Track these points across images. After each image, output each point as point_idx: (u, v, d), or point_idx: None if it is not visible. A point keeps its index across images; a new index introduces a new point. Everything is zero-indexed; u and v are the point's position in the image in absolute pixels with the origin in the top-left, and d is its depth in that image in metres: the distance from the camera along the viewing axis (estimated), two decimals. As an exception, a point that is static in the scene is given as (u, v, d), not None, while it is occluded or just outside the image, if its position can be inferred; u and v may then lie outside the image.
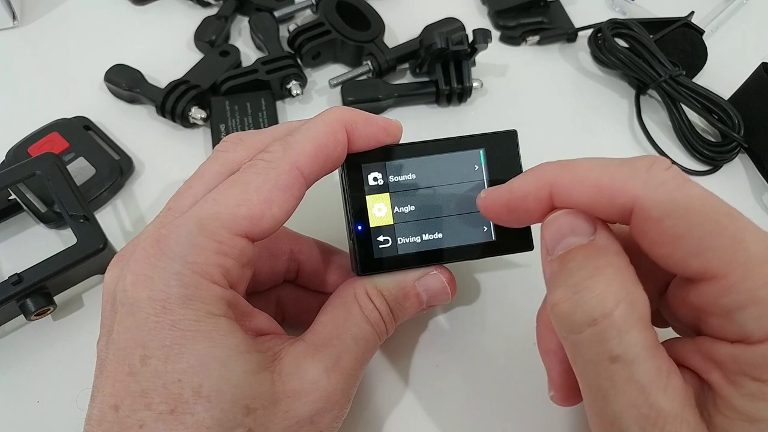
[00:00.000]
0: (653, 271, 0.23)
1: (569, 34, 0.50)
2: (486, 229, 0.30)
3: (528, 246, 0.30)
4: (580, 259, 0.22)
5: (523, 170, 0.30)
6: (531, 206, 0.24)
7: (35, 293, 0.34)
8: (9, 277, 0.33)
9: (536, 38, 0.50)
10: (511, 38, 0.51)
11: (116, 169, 0.41)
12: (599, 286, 0.21)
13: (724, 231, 0.20)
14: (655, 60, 0.45)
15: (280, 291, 0.34)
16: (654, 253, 0.21)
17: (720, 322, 0.20)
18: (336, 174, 0.30)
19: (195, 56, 0.48)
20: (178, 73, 0.46)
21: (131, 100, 0.46)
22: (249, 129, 0.43)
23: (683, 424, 0.20)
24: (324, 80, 0.47)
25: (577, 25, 0.51)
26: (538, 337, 0.27)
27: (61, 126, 0.42)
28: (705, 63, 0.47)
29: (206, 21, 0.50)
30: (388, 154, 0.29)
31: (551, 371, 0.26)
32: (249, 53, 0.49)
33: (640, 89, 0.47)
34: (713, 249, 0.20)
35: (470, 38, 0.44)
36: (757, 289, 0.19)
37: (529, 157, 0.31)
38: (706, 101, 0.43)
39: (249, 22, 0.49)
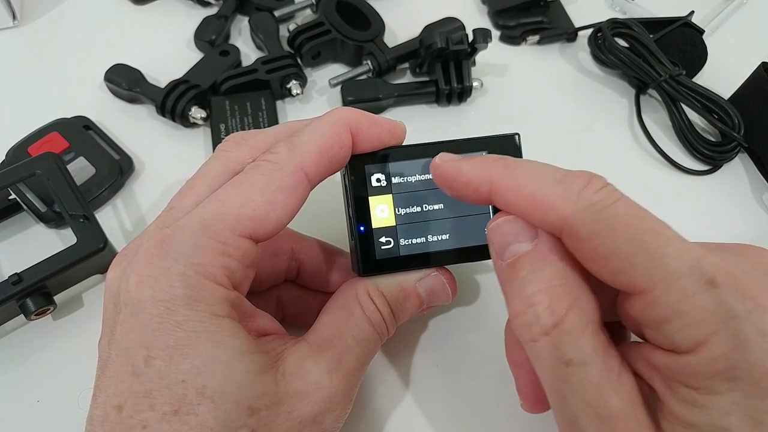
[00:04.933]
0: None
1: (569, 34, 0.50)
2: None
3: (529, 246, 0.30)
4: (528, 268, 0.23)
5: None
6: (470, 193, 0.25)
7: (35, 293, 0.33)
8: (9, 277, 0.33)
9: (536, 38, 0.50)
10: (511, 38, 0.51)
11: (116, 169, 0.41)
12: (549, 297, 0.22)
13: (646, 248, 0.20)
14: (655, 60, 0.45)
15: (281, 290, 0.34)
16: (588, 268, 0.22)
17: (652, 333, 0.21)
18: (338, 174, 0.30)
19: (195, 56, 0.48)
20: (178, 72, 0.46)
21: (131, 100, 0.46)
22: (249, 129, 0.43)
23: (634, 422, 0.21)
24: (324, 80, 0.47)
25: (577, 24, 0.51)
26: (507, 350, 0.28)
27: (61, 126, 0.42)
28: (705, 63, 0.47)
29: (206, 21, 0.50)
30: (391, 155, 0.29)
31: (519, 382, 0.27)
32: (249, 53, 0.49)
33: (640, 89, 0.47)
34: (637, 266, 0.20)
35: (470, 38, 0.44)
36: (678, 302, 0.20)
37: (529, 157, 0.31)
38: (706, 101, 0.43)
39: (249, 21, 0.49)
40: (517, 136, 0.30)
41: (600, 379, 0.21)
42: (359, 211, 0.29)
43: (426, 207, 0.29)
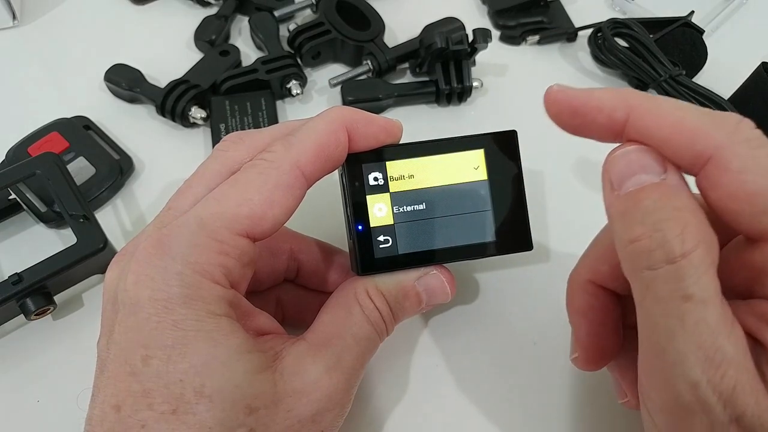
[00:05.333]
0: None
1: (569, 34, 0.50)
2: (486, 229, 0.30)
3: (528, 246, 0.30)
4: (656, 197, 0.21)
5: (523, 171, 0.30)
6: (601, 121, 0.23)
7: (35, 293, 0.34)
8: (9, 277, 0.33)
9: (536, 38, 0.50)
10: (511, 38, 0.51)
11: (116, 169, 0.41)
12: (679, 226, 0.21)
13: None
14: (655, 60, 0.45)
15: (280, 290, 0.34)
16: (723, 207, 0.21)
17: None
18: (336, 173, 0.30)
19: (195, 56, 0.48)
20: (178, 72, 0.46)
21: (131, 100, 0.46)
22: (249, 128, 0.43)
23: (744, 371, 0.20)
24: (324, 80, 0.47)
25: (577, 24, 0.51)
26: (569, 298, 0.27)
27: (61, 125, 0.42)
28: (705, 63, 0.47)
29: (206, 20, 0.50)
30: (388, 153, 0.29)
31: (579, 332, 0.26)
32: (249, 53, 0.49)
33: (640, 89, 0.47)
34: None
35: (470, 38, 0.44)
36: None
37: (529, 157, 0.31)
38: (706, 101, 0.43)
39: (249, 21, 0.49)
40: (514, 133, 0.30)
41: (717, 322, 0.20)
42: (357, 210, 0.29)
43: (424, 205, 0.29)
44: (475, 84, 0.45)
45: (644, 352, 0.22)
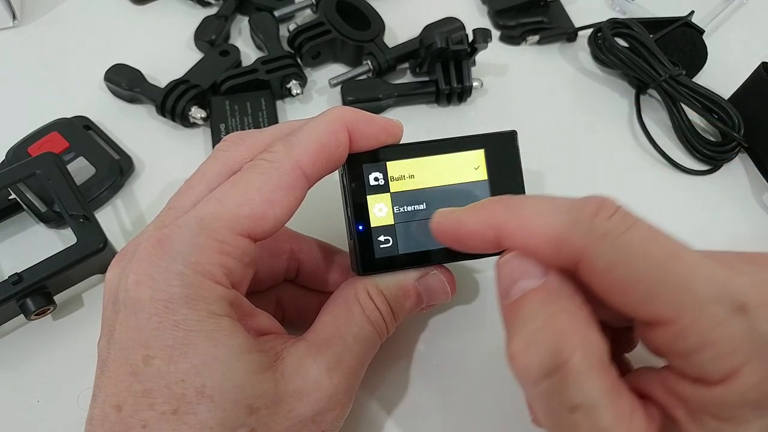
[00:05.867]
0: None
1: (569, 34, 0.50)
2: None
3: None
4: (533, 305, 0.22)
5: (523, 171, 0.30)
6: (478, 244, 0.24)
7: (35, 293, 0.34)
8: (9, 277, 0.33)
9: (536, 38, 0.50)
10: (511, 38, 0.51)
11: (116, 169, 0.41)
12: (552, 337, 0.20)
13: (668, 275, 0.19)
14: (655, 60, 0.45)
15: (280, 290, 0.34)
16: (606, 301, 0.21)
17: (679, 362, 0.20)
18: (336, 173, 0.30)
19: (195, 56, 0.48)
20: (178, 72, 0.46)
21: (131, 100, 0.46)
22: (249, 129, 0.43)
23: None
24: (324, 80, 0.47)
25: (577, 24, 0.51)
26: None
27: (61, 125, 0.42)
28: (705, 63, 0.47)
29: (206, 20, 0.50)
30: (389, 154, 0.29)
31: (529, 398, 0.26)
32: (249, 53, 0.49)
33: (640, 89, 0.47)
34: (661, 295, 0.19)
35: (470, 38, 0.44)
36: (709, 331, 0.19)
37: (529, 157, 0.31)
38: (706, 101, 0.43)
39: (249, 21, 0.49)
40: (514, 133, 0.30)
41: (610, 424, 0.19)
42: (358, 211, 0.29)
43: (424, 205, 0.29)
44: (475, 84, 0.45)
45: None
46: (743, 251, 0.23)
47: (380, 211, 0.29)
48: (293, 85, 0.45)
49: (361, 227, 0.29)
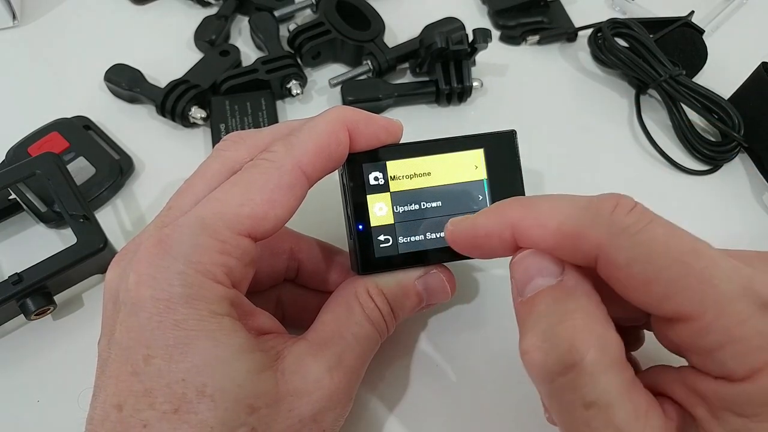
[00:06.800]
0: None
1: (569, 34, 0.50)
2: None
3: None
4: (549, 302, 0.21)
5: (522, 170, 0.30)
6: (495, 245, 0.23)
7: (35, 293, 0.34)
8: (9, 277, 0.33)
9: (536, 38, 0.50)
10: (511, 38, 0.51)
11: (116, 169, 0.41)
12: (567, 333, 0.20)
13: (691, 271, 0.19)
14: (655, 59, 0.45)
15: (280, 290, 0.34)
16: (626, 297, 0.21)
17: (701, 360, 0.20)
18: (336, 173, 0.30)
19: (195, 56, 0.48)
20: (178, 72, 0.46)
21: (131, 100, 0.46)
22: (249, 128, 0.43)
23: None
24: (324, 80, 0.47)
25: (577, 24, 0.51)
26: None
27: (61, 125, 0.42)
28: (705, 63, 0.47)
29: (206, 20, 0.50)
30: (388, 153, 0.29)
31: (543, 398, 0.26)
32: (249, 53, 0.49)
33: (640, 89, 0.47)
34: (683, 291, 0.19)
35: (470, 38, 0.44)
36: (732, 327, 0.19)
37: (529, 157, 0.31)
38: (706, 101, 0.43)
39: (249, 21, 0.49)
40: (513, 133, 0.30)
41: (626, 421, 0.19)
42: (357, 210, 0.29)
43: (424, 205, 0.29)
44: (475, 84, 0.45)
45: None
46: (761, 251, 0.23)
47: (380, 210, 0.29)
48: (293, 85, 0.45)
49: (361, 227, 0.29)
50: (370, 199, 0.29)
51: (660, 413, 0.20)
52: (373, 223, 0.29)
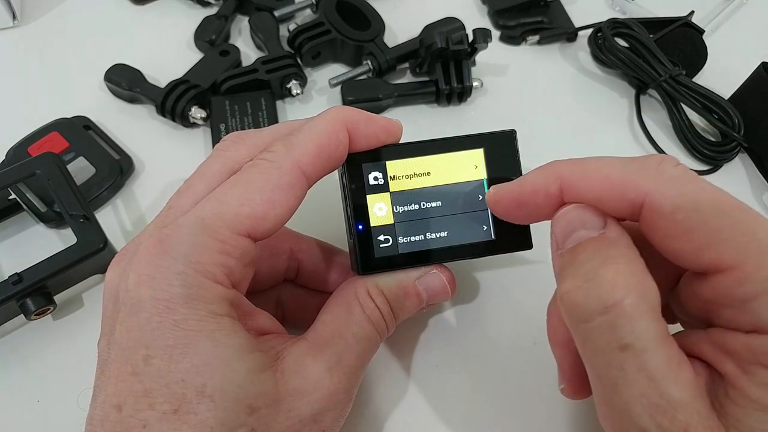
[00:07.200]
0: (663, 266, 0.23)
1: (569, 34, 0.50)
2: (486, 228, 0.30)
3: (527, 245, 0.30)
4: (591, 250, 0.22)
5: (522, 170, 0.30)
6: (541, 201, 0.24)
7: (35, 293, 0.34)
8: (9, 277, 0.33)
9: (536, 38, 0.50)
10: (511, 38, 0.51)
11: (116, 169, 0.41)
12: (609, 274, 0.21)
13: (736, 223, 0.20)
14: (655, 59, 0.45)
15: (280, 290, 0.34)
16: (666, 248, 0.21)
17: (734, 313, 0.20)
18: (336, 173, 0.30)
19: (195, 56, 0.48)
20: (178, 72, 0.46)
21: (131, 100, 0.46)
22: (249, 128, 0.43)
23: (694, 413, 0.20)
24: (324, 80, 0.47)
25: (577, 24, 0.51)
26: (549, 331, 0.26)
27: (61, 125, 0.42)
28: (705, 63, 0.47)
29: (206, 20, 0.50)
30: (388, 153, 0.29)
31: (562, 364, 0.26)
32: (249, 53, 0.49)
33: (640, 89, 0.47)
34: (726, 240, 0.20)
35: (470, 38, 0.44)
36: None
37: (529, 157, 0.31)
38: (706, 101, 0.43)
39: (249, 21, 0.49)
40: (513, 133, 0.30)
41: (659, 367, 0.20)
42: (357, 210, 0.29)
43: (424, 204, 0.29)
44: (475, 84, 0.45)
45: (596, 398, 0.22)
46: None
47: (380, 210, 0.29)
48: (293, 85, 0.45)
49: (360, 227, 0.29)
50: (370, 199, 0.29)
51: (690, 368, 0.21)
52: (373, 223, 0.29)
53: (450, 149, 0.30)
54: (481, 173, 0.30)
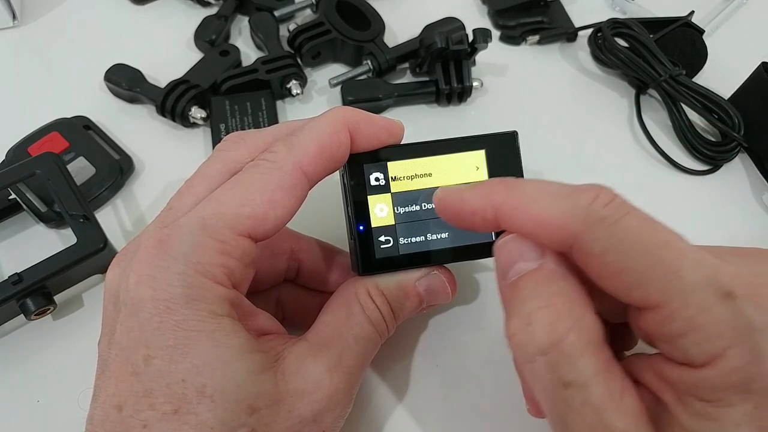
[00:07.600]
0: None
1: (569, 34, 0.50)
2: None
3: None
4: (531, 286, 0.22)
5: (524, 172, 0.30)
6: (478, 222, 0.24)
7: (35, 293, 0.34)
8: (9, 277, 0.33)
9: (536, 38, 0.50)
10: (511, 38, 0.51)
11: (116, 169, 0.41)
12: (549, 316, 0.21)
13: (660, 262, 0.20)
14: (655, 59, 0.45)
15: (280, 290, 0.34)
16: (599, 284, 0.22)
17: (666, 347, 0.21)
18: (337, 173, 0.30)
19: (195, 56, 0.48)
20: (178, 72, 0.46)
21: (131, 100, 0.46)
22: (249, 128, 0.43)
23: None
24: (324, 80, 0.47)
25: (577, 24, 0.51)
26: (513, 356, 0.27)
27: (61, 125, 0.42)
28: (705, 63, 0.47)
29: (206, 20, 0.50)
30: (389, 154, 0.29)
31: (524, 386, 0.27)
32: (249, 53, 0.49)
33: (640, 89, 0.47)
34: (651, 281, 0.20)
35: (470, 38, 0.44)
36: (695, 315, 0.19)
37: (529, 157, 0.31)
38: (706, 101, 0.43)
39: (249, 21, 0.49)
40: (515, 134, 0.30)
41: (601, 400, 0.20)
42: (358, 211, 0.29)
43: (425, 206, 0.29)
44: (475, 84, 0.45)
45: (551, 427, 0.23)
46: (737, 246, 0.24)
47: (381, 211, 0.29)
48: (293, 85, 0.45)
49: (361, 227, 0.29)
50: (371, 199, 0.29)
51: (634, 395, 0.21)
52: (374, 223, 0.29)
53: (451, 150, 0.30)
54: (482, 174, 0.30)
